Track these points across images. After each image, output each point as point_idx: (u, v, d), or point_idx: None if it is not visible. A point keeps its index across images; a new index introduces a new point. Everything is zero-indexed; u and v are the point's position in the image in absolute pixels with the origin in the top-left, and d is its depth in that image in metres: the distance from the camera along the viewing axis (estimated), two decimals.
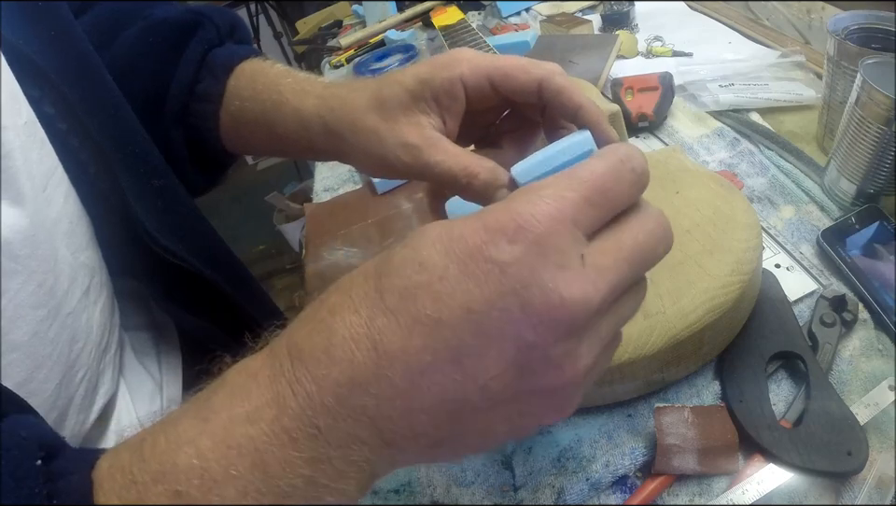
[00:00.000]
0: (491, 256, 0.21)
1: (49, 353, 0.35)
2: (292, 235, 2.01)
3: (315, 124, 0.41)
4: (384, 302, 0.22)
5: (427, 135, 0.35)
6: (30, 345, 0.34)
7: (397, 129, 0.36)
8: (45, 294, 0.35)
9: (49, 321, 0.35)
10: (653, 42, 0.85)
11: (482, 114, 0.38)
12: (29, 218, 0.34)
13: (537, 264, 0.21)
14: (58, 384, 0.36)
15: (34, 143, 0.37)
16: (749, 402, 0.39)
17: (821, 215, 0.53)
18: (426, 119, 0.36)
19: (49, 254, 0.36)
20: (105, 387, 0.42)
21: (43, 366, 0.35)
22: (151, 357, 0.52)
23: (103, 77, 0.45)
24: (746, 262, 0.40)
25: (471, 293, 0.21)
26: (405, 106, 0.36)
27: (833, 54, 0.57)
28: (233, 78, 0.47)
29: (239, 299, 0.54)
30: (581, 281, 0.21)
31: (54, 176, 0.38)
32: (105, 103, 0.44)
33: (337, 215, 0.68)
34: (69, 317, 0.38)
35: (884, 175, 0.49)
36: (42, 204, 0.36)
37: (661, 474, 0.38)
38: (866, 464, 0.35)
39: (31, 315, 0.34)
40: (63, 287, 0.37)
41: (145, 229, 0.44)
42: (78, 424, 0.39)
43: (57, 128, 0.39)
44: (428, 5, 1.18)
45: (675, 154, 0.50)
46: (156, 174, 0.47)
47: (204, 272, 0.50)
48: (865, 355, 0.42)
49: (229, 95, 0.47)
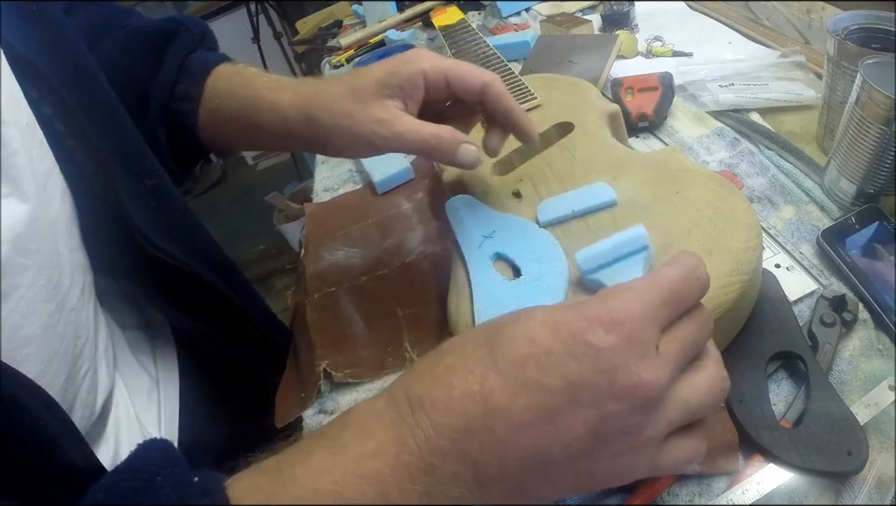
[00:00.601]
0: (590, 341, 0.26)
1: (58, 347, 0.36)
2: (292, 235, 2.01)
3: (292, 114, 0.46)
4: (496, 366, 0.27)
5: (395, 113, 0.43)
6: (43, 339, 0.34)
7: (368, 110, 0.43)
8: (53, 288, 0.36)
9: (58, 315, 0.36)
10: (653, 42, 0.85)
11: (434, 103, 0.46)
12: (34, 215, 0.35)
13: (625, 352, 0.26)
14: (66, 378, 0.37)
15: (34, 143, 0.37)
16: (749, 402, 0.39)
17: (821, 215, 0.53)
18: (392, 102, 0.43)
19: (53, 249, 0.37)
20: (103, 383, 0.42)
21: (53, 360, 0.36)
22: (147, 353, 0.52)
23: (98, 79, 0.46)
24: (746, 262, 0.40)
25: (570, 368, 0.26)
26: (375, 92, 0.43)
27: (833, 54, 0.57)
28: (211, 80, 0.51)
29: (231, 298, 0.55)
30: (655, 367, 0.26)
31: (52, 176, 0.39)
32: (100, 105, 0.45)
33: (337, 215, 0.68)
34: (73, 313, 0.38)
35: (884, 175, 0.49)
36: (44, 202, 0.37)
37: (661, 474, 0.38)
38: (866, 464, 0.35)
39: (42, 309, 0.35)
40: (66, 283, 0.38)
41: (138, 228, 0.44)
42: (84, 418, 0.39)
43: (55, 129, 0.39)
44: (428, 5, 1.18)
45: (675, 154, 0.50)
46: (149, 174, 0.48)
47: (197, 271, 0.50)
48: (865, 355, 0.42)
49: (207, 95, 0.51)
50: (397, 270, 0.58)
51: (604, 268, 0.40)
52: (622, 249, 0.39)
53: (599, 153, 0.52)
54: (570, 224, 0.47)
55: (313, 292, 0.57)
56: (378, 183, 0.69)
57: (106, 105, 0.46)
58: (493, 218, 0.49)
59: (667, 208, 0.45)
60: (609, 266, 0.40)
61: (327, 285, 0.58)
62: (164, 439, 0.31)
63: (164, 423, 0.49)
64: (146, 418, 0.47)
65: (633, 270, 0.39)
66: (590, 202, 0.46)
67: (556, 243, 0.45)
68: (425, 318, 0.53)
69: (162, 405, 0.50)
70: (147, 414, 0.48)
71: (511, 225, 0.48)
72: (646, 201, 0.46)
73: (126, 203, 0.43)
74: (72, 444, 0.34)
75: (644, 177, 0.48)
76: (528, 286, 0.43)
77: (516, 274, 0.44)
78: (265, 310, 0.66)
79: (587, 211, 0.47)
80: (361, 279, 0.58)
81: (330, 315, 0.55)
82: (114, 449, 0.42)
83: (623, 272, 0.39)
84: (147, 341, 0.53)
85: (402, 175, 0.70)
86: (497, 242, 0.46)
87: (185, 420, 0.52)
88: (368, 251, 0.61)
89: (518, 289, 0.43)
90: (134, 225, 0.44)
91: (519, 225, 0.48)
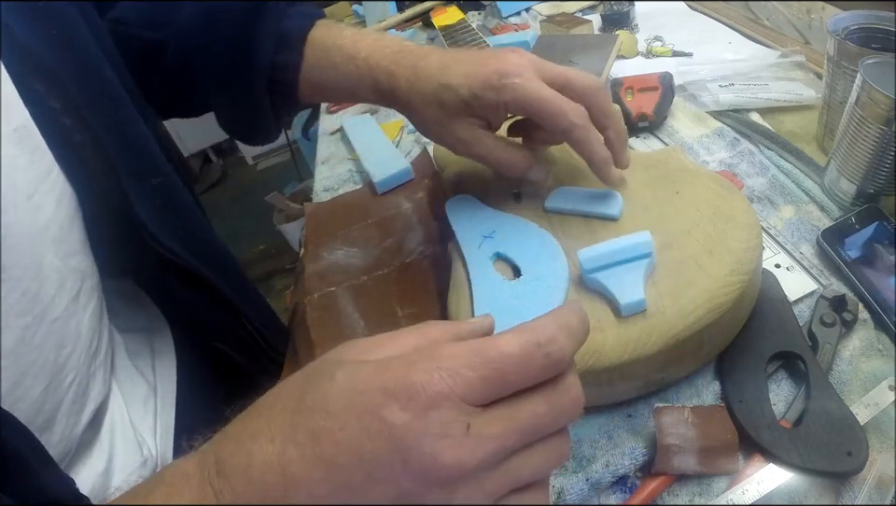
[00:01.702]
0: (384, 417, 0.25)
1: (34, 359, 0.35)
2: (292, 235, 2.01)
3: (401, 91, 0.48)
4: (295, 437, 0.26)
5: (476, 134, 0.46)
6: (15, 352, 0.34)
7: (452, 126, 0.47)
8: (29, 301, 0.35)
9: (35, 328, 0.36)
10: (653, 42, 0.85)
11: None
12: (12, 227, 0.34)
13: (420, 431, 0.24)
14: (44, 389, 0.36)
15: (23, 149, 0.36)
16: (748, 402, 0.39)
17: (821, 215, 0.53)
18: (476, 120, 0.46)
19: (34, 261, 0.36)
20: (95, 391, 0.42)
21: (29, 372, 0.35)
22: (145, 359, 0.52)
23: (105, 74, 0.45)
24: (746, 262, 0.40)
25: (364, 445, 0.25)
26: (459, 111, 0.46)
27: (833, 54, 0.57)
28: (309, 47, 0.52)
29: (234, 298, 0.55)
30: (456, 449, 0.24)
31: (46, 181, 0.38)
32: (107, 100, 0.44)
33: (337, 215, 0.68)
34: (55, 323, 0.38)
35: (884, 175, 0.49)
36: (27, 212, 0.36)
37: (661, 474, 0.38)
38: (866, 464, 0.35)
39: (15, 322, 0.34)
40: (50, 293, 0.37)
41: (143, 226, 0.44)
42: (69, 427, 0.39)
43: (61, 123, 0.39)
44: (428, 5, 1.18)
45: (675, 154, 0.50)
46: (155, 171, 0.48)
47: (201, 269, 0.50)
48: (865, 355, 0.42)
49: (307, 64, 0.52)
50: (396, 270, 0.58)
51: (605, 269, 0.40)
52: (625, 253, 0.40)
53: None
54: (571, 224, 0.47)
55: (312, 292, 0.57)
56: (378, 183, 0.69)
57: (113, 101, 0.45)
58: (493, 218, 0.49)
59: (667, 208, 0.45)
60: (610, 268, 0.40)
61: (326, 284, 0.58)
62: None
63: (160, 431, 0.49)
64: (141, 425, 0.47)
65: (633, 275, 0.39)
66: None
67: (556, 243, 0.45)
68: (425, 318, 0.52)
69: (159, 414, 0.50)
70: (142, 422, 0.48)
71: (512, 225, 0.48)
72: (646, 201, 0.46)
73: (132, 201, 0.43)
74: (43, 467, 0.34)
75: (644, 177, 0.48)
76: (528, 286, 0.43)
77: (516, 274, 0.44)
78: (266, 312, 0.66)
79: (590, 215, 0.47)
80: (361, 279, 0.58)
81: (330, 314, 0.55)
82: (108, 455, 0.42)
83: (623, 275, 0.39)
84: (146, 345, 0.53)
85: (402, 175, 0.70)
86: (498, 242, 0.46)
87: (181, 428, 0.51)
88: (368, 251, 0.61)
89: (518, 289, 0.43)
90: (139, 222, 0.44)
91: (519, 225, 0.48)
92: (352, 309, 0.55)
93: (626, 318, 0.39)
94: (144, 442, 0.46)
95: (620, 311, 0.39)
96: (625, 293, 0.39)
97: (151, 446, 0.47)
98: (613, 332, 0.38)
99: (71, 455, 0.39)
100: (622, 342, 0.38)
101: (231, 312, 0.56)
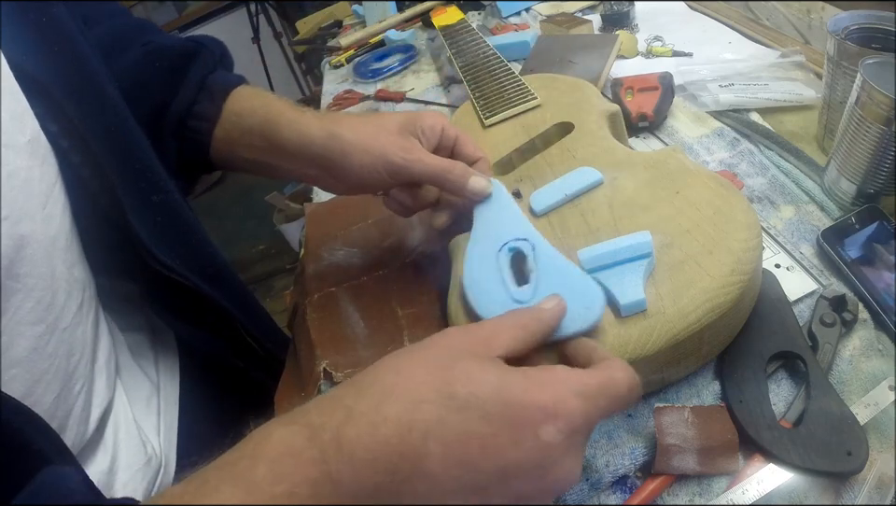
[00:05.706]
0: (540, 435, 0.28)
1: (47, 367, 0.36)
2: (292, 235, 2.01)
3: (314, 129, 0.48)
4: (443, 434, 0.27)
5: (416, 144, 0.48)
6: (29, 361, 0.34)
7: (392, 139, 0.48)
8: (43, 310, 0.35)
9: (48, 336, 0.36)
10: (653, 42, 0.85)
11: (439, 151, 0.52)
12: (29, 237, 0.34)
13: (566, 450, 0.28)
14: (56, 397, 0.36)
15: (35, 160, 0.36)
16: (748, 402, 0.39)
17: (821, 215, 0.53)
18: (413, 138, 0.49)
19: (48, 271, 0.36)
20: (100, 396, 0.42)
21: (42, 380, 0.35)
22: (148, 358, 0.52)
23: (107, 93, 0.45)
24: (746, 262, 0.40)
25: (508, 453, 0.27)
26: (398, 130, 0.48)
27: (832, 54, 0.57)
28: (230, 101, 0.52)
29: (236, 314, 0.55)
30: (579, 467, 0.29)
31: (53, 193, 0.38)
32: (107, 119, 0.44)
33: (337, 215, 0.68)
34: (66, 332, 0.38)
35: (884, 175, 0.49)
36: (42, 222, 0.36)
37: (661, 474, 0.38)
38: (866, 464, 0.35)
39: (30, 331, 0.34)
40: (61, 302, 0.37)
41: (143, 245, 0.44)
42: (79, 435, 0.39)
43: (59, 145, 0.39)
44: (428, 5, 1.18)
45: (675, 154, 0.50)
46: (156, 189, 0.48)
47: (202, 287, 0.50)
48: (865, 355, 0.42)
49: (225, 115, 0.52)
50: (397, 270, 0.58)
51: (605, 269, 0.40)
52: (625, 253, 0.40)
53: (599, 153, 0.52)
54: (570, 224, 0.47)
55: (312, 292, 0.57)
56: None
57: (114, 119, 0.45)
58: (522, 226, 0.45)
59: (667, 208, 0.45)
60: (610, 268, 0.40)
61: (326, 285, 0.58)
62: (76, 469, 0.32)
63: (164, 429, 0.49)
64: (145, 424, 0.47)
65: (633, 275, 0.39)
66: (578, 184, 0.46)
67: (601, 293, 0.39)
68: (425, 318, 0.52)
69: (162, 413, 0.50)
70: (146, 421, 0.48)
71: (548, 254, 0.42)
72: (646, 201, 0.46)
73: (130, 220, 0.43)
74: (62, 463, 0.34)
75: (644, 177, 0.48)
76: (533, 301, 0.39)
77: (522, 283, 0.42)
78: (267, 323, 0.66)
79: (578, 193, 0.47)
80: (361, 279, 0.58)
81: (330, 314, 0.55)
82: (112, 454, 0.42)
83: (623, 275, 0.39)
84: (149, 344, 0.53)
85: None
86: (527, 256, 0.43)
87: (184, 426, 0.51)
88: (368, 251, 0.61)
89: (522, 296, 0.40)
90: (138, 240, 0.44)
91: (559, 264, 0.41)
92: (352, 309, 0.55)
93: (626, 318, 0.39)
94: (147, 440, 0.46)
95: (620, 311, 0.39)
96: (625, 293, 0.39)
97: (155, 445, 0.47)
98: (613, 332, 0.38)
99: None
100: (622, 342, 0.38)
101: (232, 324, 0.56)
